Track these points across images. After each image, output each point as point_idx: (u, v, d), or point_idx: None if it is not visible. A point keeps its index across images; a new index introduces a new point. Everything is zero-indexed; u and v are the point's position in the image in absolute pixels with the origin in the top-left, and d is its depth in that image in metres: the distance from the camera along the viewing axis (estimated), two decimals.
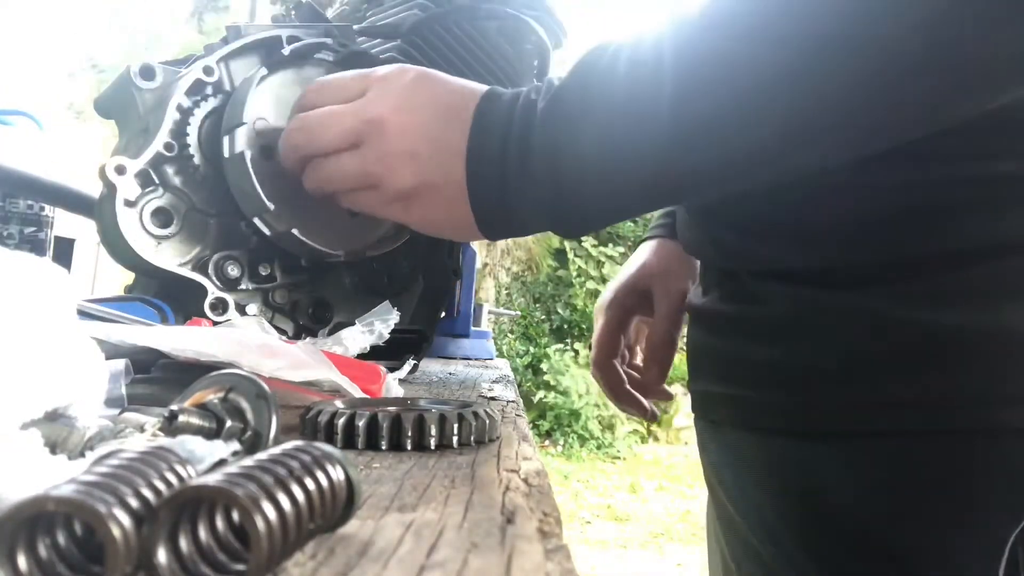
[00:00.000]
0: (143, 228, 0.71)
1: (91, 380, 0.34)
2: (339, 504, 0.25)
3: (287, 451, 0.24)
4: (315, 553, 0.24)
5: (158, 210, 0.72)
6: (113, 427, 0.33)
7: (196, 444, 0.26)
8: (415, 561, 0.24)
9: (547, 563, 0.24)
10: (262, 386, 0.34)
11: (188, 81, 0.72)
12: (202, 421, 0.33)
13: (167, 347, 0.49)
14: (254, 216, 0.72)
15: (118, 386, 0.39)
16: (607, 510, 4.58)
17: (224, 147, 0.71)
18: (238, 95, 0.73)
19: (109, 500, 0.20)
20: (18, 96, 6.90)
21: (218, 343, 0.48)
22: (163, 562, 0.20)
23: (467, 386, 0.84)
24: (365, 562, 0.23)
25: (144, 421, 0.34)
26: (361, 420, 0.41)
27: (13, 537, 0.20)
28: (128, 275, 0.81)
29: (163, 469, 0.22)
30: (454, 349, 1.32)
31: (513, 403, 0.68)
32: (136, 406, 0.39)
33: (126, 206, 0.69)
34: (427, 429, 0.41)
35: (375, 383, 0.56)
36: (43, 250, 0.99)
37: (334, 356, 0.54)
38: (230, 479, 0.21)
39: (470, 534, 0.27)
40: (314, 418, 0.43)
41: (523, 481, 0.35)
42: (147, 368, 0.51)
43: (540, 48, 1.07)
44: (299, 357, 0.49)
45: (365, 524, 0.27)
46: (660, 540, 4.01)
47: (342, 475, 0.25)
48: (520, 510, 0.30)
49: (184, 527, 0.21)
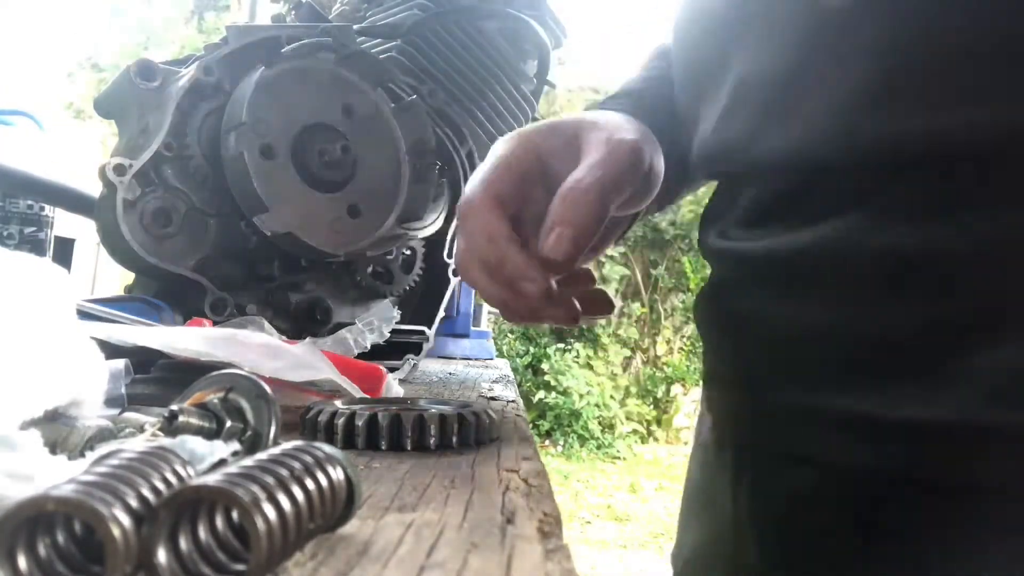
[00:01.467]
0: (143, 228, 0.71)
1: (91, 380, 0.35)
2: (339, 504, 0.25)
3: (287, 451, 0.24)
4: (315, 553, 0.24)
5: (158, 210, 0.72)
6: (113, 427, 0.33)
7: (196, 444, 0.26)
8: (415, 561, 0.24)
9: (547, 563, 0.24)
10: (262, 386, 0.34)
11: (188, 81, 0.72)
12: (202, 421, 0.33)
13: (167, 347, 0.49)
14: (254, 216, 0.72)
15: (118, 386, 0.39)
16: (607, 510, 4.59)
17: (224, 147, 0.71)
18: (238, 95, 0.73)
19: (109, 500, 0.20)
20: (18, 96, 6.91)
21: (218, 343, 0.48)
22: (163, 562, 0.20)
23: (467, 386, 0.84)
24: (365, 562, 0.23)
25: (144, 421, 0.34)
26: (361, 420, 0.41)
27: (13, 537, 0.20)
28: (128, 275, 0.81)
29: (163, 469, 0.22)
30: (454, 349, 1.32)
31: (513, 403, 0.68)
32: (136, 406, 0.39)
33: (126, 206, 0.69)
34: (427, 429, 0.41)
35: (375, 383, 0.56)
36: (43, 250, 0.99)
37: (334, 356, 0.54)
38: (230, 479, 0.21)
39: (470, 534, 0.27)
40: (314, 418, 0.43)
41: (523, 481, 0.35)
42: (147, 368, 0.51)
43: (540, 48, 1.07)
44: (299, 357, 0.49)
45: (365, 524, 0.27)
46: (660, 540, 4.02)
47: (342, 475, 0.25)
48: (520, 510, 0.30)
49: (184, 527, 0.21)
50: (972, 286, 0.41)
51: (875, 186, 0.44)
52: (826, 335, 0.46)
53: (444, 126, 0.90)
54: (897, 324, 0.43)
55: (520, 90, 1.02)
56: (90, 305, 0.61)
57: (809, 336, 0.47)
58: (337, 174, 0.77)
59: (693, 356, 6.74)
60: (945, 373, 0.41)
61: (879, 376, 0.44)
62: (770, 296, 0.51)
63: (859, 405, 0.44)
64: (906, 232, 0.42)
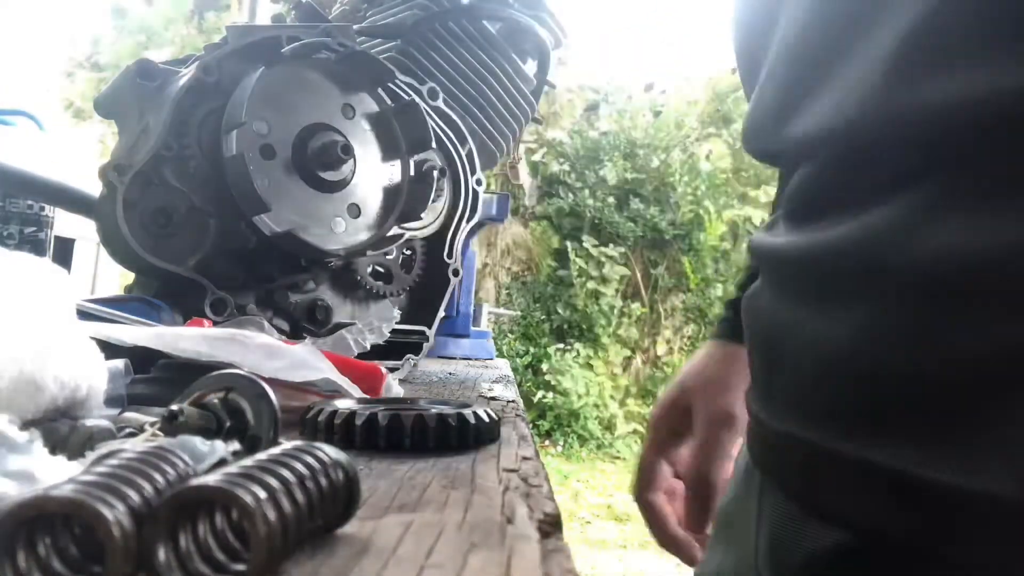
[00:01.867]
0: (143, 228, 0.71)
1: (91, 380, 0.35)
2: (339, 504, 0.25)
3: (287, 451, 0.24)
4: (315, 553, 0.24)
5: (158, 210, 0.72)
6: (113, 427, 0.33)
7: (196, 444, 0.26)
8: (415, 561, 0.24)
9: (547, 563, 0.24)
10: (262, 386, 0.34)
11: (188, 81, 0.72)
12: (202, 421, 0.33)
13: (167, 347, 0.49)
14: (254, 216, 0.72)
15: (118, 386, 0.39)
16: (607, 510, 4.59)
17: (224, 147, 0.71)
18: (238, 95, 0.73)
19: (109, 500, 0.20)
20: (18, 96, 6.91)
21: (218, 343, 0.49)
22: (163, 562, 0.20)
23: (467, 386, 0.84)
24: (365, 562, 0.23)
25: (144, 421, 0.34)
26: (360, 420, 0.41)
27: (13, 537, 0.20)
28: (128, 275, 0.81)
29: (163, 469, 0.22)
30: (454, 349, 1.32)
31: (513, 403, 0.68)
32: (136, 406, 0.39)
33: (126, 206, 0.69)
34: (427, 429, 0.41)
35: (375, 383, 0.56)
36: (43, 250, 0.99)
37: (334, 356, 0.54)
38: (230, 479, 0.21)
39: (469, 534, 0.27)
40: (314, 418, 0.43)
41: (523, 481, 0.35)
42: (147, 368, 0.51)
43: (540, 48, 1.07)
44: (299, 357, 0.49)
45: (365, 524, 0.27)
46: None
47: (342, 475, 0.25)
48: (520, 510, 0.30)
49: (184, 527, 0.21)
50: None
51: (924, 167, 0.34)
52: (854, 363, 0.37)
53: (444, 126, 0.90)
54: (944, 355, 0.32)
55: (520, 90, 1.02)
56: (90, 305, 0.61)
57: (836, 363, 0.38)
58: (337, 174, 0.77)
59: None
60: (1001, 427, 0.30)
61: (913, 424, 0.34)
62: (800, 308, 0.42)
63: (888, 459, 0.34)
64: (962, 228, 0.32)
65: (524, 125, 1.07)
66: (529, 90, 1.04)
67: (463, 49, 0.95)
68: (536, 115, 1.09)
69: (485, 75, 0.97)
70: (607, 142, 6.76)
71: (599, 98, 7.09)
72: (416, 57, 0.92)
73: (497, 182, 6.56)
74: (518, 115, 1.03)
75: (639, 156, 6.67)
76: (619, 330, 6.79)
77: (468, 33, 0.96)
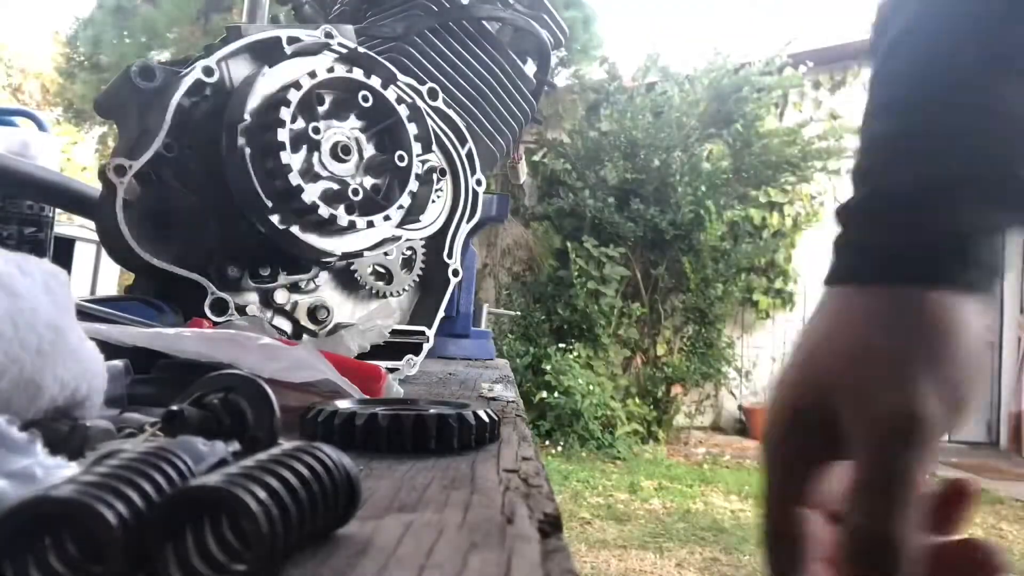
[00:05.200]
0: (143, 228, 0.71)
1: (91, 380, 0.35)
2: (339, 504, 0.25)
3: (287, 451, 0.24)
4: (315, 553, 0.24)
5: (158, 210, 0.72)
6: (113, 427, 0.33)
7: (196, 444, 0.26)
8: (415, 561, 0.24)
9: (546, 563, 0.24)
10: (262, 386, 0.34)
11: (188, 81, 0.72)
12: (202, 421, 0.33)
13: (167, 347, 0.49)
14: (254, 216, 0.72)
15: (118, 386, 0.39)
16: (607, 510, 4.59)
17: (224, 146, 0.71)
18: (238, 95, 0.73)
19: (109, 500, 0.20)
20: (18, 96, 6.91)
21: (218, 344, 0.49)
22: (163, 562, 0.20)
23: (467, 386, 0.84)
24: (365, 562, 0.24)
25: (144, 421, 0.34)
26: (360, 421, 0.41)
27: (13, 537, 0.20)
28: (128, 275, 0.81)
29: (163, 469, 0.22)
30: (454, 349, 1.32)
31: (513, 403, 0.68)
32: (136, 406, 0.39)
33: (126, 206, 0.69)
34: (427, 430, 0.41)
35: (375, 383, 0.56)
36: (43, 250, 0.99)
37: (334, 357, 0.54)
38: (230, 479, 0.21)
39: (469, 534, 0.27)
40: (314, 418, 0.43)
41: (523, 481, 0.35)
42: (147, 368, 0.51)
43: (540, 48, 1.07)
44: (299, 358, 0.49)
45: (365, 524, 0.27)
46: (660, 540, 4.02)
47: (342, 476, 0.25)
48: (520, 510, 0.30)
49: (184, 527, 0.21)
50: None
51: None
52: None
53: (444, 126, 0.90)
54: None
55: (520, 90, 1.02)
56: (90, 305, 0.61)
57: None
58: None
59: (693, 356, 6.73)
60: None
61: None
62: None
63: None
64: None
65: (524, 125, 1.07)
66: (529, 90, 1.04)
67: (463, 49, 0.95)
68: (536, 115, 1.09)
69: (485, 75, 0.97)
70: (607, 142, 6.76)
71: (599, 98, 7.08)
72: (416, 57, 0.92)
73: (497, 182, 6.56)
74: (518, 115, 1.03)
75: (640, 156, 6.66)
76: (619, 330, 6.79)
77: (468, 33, 0.96)
